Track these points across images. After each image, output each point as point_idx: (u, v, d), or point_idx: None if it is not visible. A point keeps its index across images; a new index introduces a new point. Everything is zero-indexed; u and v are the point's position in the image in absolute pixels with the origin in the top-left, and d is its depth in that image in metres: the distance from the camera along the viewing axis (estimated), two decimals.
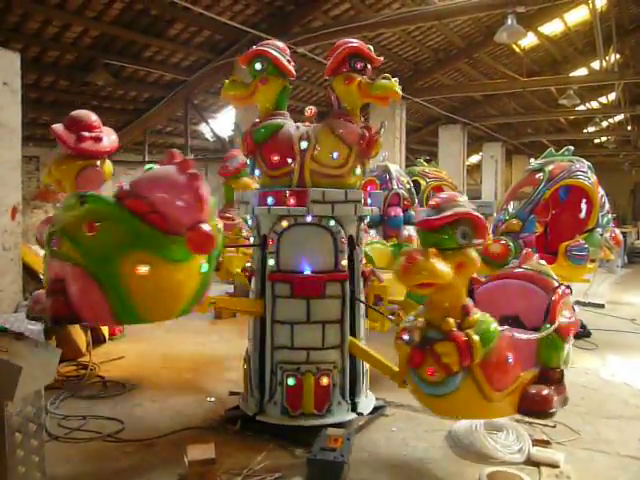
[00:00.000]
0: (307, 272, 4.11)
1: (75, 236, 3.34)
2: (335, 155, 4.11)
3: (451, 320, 3.19)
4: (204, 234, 3.30)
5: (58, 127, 4.69)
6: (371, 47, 4.32)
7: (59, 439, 4.06)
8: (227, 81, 4.40)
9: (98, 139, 4.62)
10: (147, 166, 3.99)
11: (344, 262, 4.19)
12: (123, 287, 3.32)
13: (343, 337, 4.20)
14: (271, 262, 4.18)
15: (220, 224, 3.71)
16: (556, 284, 4.02)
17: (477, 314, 3.30)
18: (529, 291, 4.09)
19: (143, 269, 3.29)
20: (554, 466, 3.65)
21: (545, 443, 3.98)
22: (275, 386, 4.15)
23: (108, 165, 4.93)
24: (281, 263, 4.16)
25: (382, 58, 4.45)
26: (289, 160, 4.16)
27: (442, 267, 3.04)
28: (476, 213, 3.32)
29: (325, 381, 4.11)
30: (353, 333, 4.29)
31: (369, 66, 4.23)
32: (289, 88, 4.45)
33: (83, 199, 3.45)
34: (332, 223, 4.13)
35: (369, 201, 4.39)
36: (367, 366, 4.43)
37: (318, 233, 4.15)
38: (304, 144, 4.12)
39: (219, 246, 3.69)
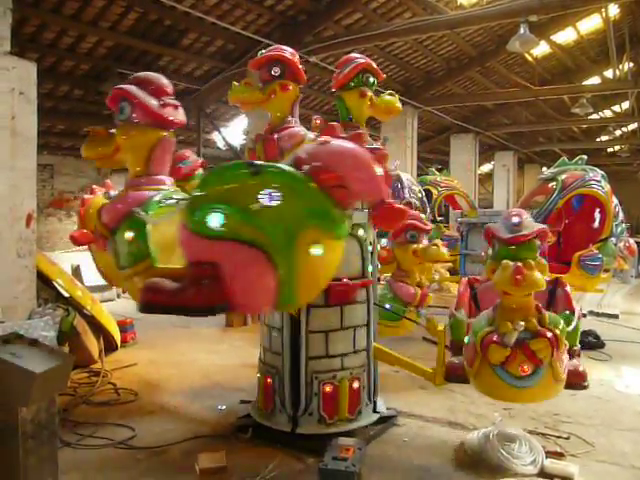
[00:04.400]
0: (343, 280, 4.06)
1: (248, 210, 2.90)
2: None
3: (534, 320, 3.59)
4: (397, 209, 3.61)
5: (132, 89, 3.87)
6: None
7: (71, 446, 4.08)
8: (237, 83, 4.28)
9: (177, 107, 4.09)
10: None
11: (370, 268, 4.30)
12: (295, 269, 2.99)
13: (369, 340, 4.34)
14: None
15: None
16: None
17: (546, 312, 3.70)
18: None
19: (317, 250, 2.99)
20: (568, 478, 3.60)
21: (559, 455, 3.94)
22: (311, 397, 4.11)
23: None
24: None
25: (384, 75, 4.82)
26: None
27: (541, 276, 3.51)
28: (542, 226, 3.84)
29: (357, 385, 4.21)
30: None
31: (375, 81, 4.59)
32: (299, 96, 4.48)
33: (257, 168, 3.05)
34: (361, 232, 4.18)
35: None
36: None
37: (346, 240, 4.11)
38: None
39: None
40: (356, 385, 4.19)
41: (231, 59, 10.95)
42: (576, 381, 3.93)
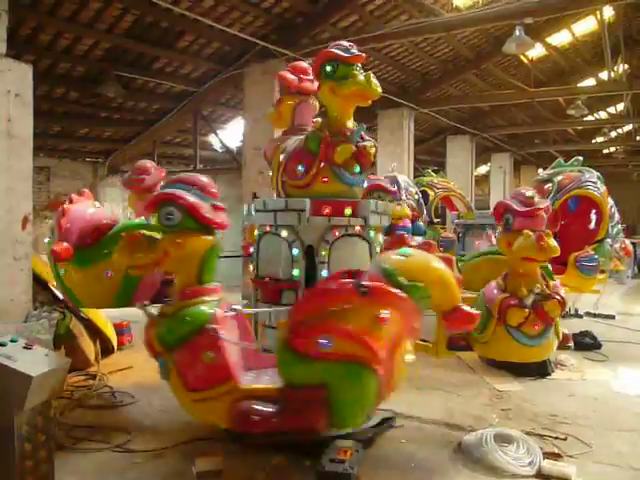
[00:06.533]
0: (266, 280, 4.54)
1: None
2: (299, 166, 4.31)
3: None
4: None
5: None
6: (353, 48, 4.22)
7: (67, 449, 4.05)
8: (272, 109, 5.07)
9: (140, 180, 6.19)
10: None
11: (296, 272, 4.37)
12: (63, 282, 4.90)
13: None
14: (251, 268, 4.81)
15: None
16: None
17: (195, 300, 3.21)
18: None
19: (61, 271, 4.76)
20: None
21: (556, 456, 3.93)
22: None
23: None
24: (259, 270, 4.66)
25: (363, 55, 4.27)
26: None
27: (128, 252, 3.14)
28: (178, 193, 3.21)
29: None
30: None
31: (358, 68, 4.20)
32: (302, 104, 4.65)
33: None
34: (284, 233, 4.39)
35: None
36: None
37: (278, 242, 4.48)
38: (282, 157, 4.36)
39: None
40: None
41: (228, 61, 10.95)
42: (236, 426, 3.09)
